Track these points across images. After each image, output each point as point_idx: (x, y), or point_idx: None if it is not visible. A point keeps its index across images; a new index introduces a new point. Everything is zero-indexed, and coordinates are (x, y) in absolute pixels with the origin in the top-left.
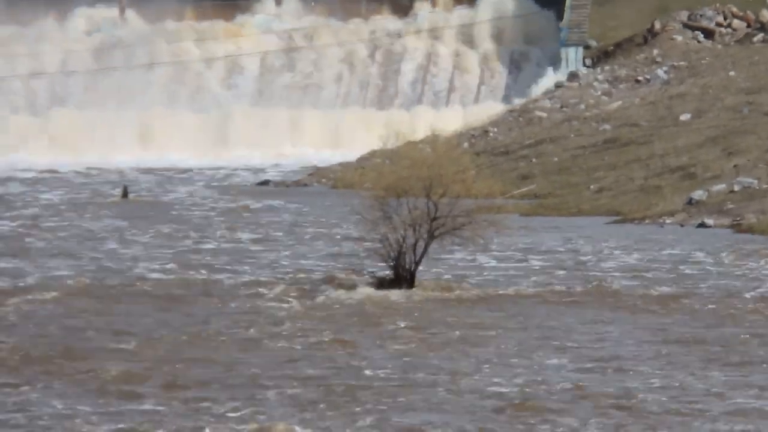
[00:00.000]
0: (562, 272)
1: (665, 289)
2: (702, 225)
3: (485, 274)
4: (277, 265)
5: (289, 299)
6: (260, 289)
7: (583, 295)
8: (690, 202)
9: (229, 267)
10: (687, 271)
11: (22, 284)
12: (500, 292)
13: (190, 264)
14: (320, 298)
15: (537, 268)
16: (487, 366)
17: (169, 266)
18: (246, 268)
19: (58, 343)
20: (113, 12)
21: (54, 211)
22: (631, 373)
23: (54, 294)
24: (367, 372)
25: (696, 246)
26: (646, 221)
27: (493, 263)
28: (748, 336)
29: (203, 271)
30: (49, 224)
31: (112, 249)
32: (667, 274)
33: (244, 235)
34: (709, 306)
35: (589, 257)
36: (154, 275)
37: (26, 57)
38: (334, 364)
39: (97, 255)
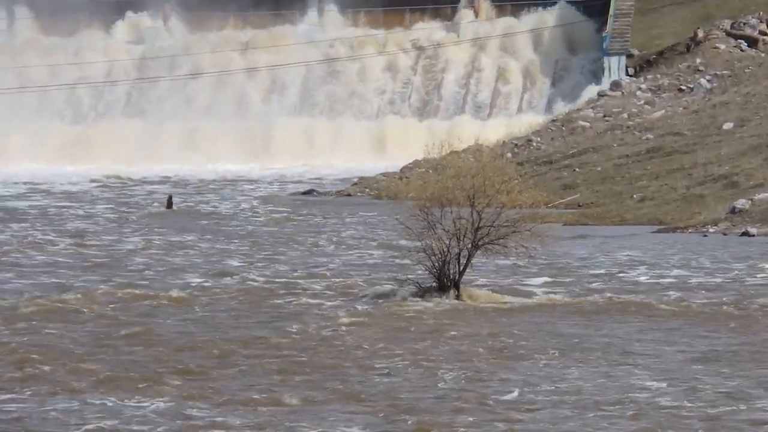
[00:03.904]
0: (607, 282)
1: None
2: (745, 234)
3: (526, 282)
4: (323, 275)
5: (338, 311)
6: (310, 300)
7: (614, 304)
8: (733, 210)
9: (271, 275)
10: None
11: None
12: (539, 301)
13: (231, 274)
14: (366, 309)
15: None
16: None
17: (222, 276)
18: (292, 277)
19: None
20: (157, 22)
21: (105, 225)
22: None
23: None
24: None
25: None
26: (689, 230)
27: (535, 271)
28: None
29: (251, 279)
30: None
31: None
32: None
33: (286, 246)
34: None
35: (630, 266)
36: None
37: (70, 67)
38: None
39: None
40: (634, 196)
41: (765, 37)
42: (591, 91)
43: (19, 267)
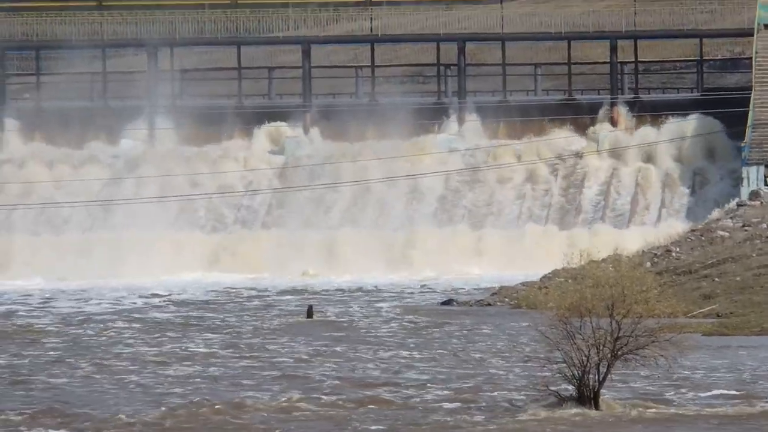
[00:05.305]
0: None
1: None
2: None
3: (668, 394)
4: (467, 385)
5: (478, 420)
6: (449, 416)
7: None
8: None
9: (418, 386)
10: None
11: None
12: (686, 411)
13: (366, 380)
14: (507, 420)
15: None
16: None
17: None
18: (430, 387)
19: None
20: (298, 131)
21: (251, 335)
22: None
23: None
24: None
25: None
26: None
27: (678, 381)
28: None
29: (401, 389)
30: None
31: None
32: None
33: (430, 356)
34: None
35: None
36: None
37: (210, 176)
38: None
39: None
40: None
41: None
42: (730, 200)
43: (177, 378)
